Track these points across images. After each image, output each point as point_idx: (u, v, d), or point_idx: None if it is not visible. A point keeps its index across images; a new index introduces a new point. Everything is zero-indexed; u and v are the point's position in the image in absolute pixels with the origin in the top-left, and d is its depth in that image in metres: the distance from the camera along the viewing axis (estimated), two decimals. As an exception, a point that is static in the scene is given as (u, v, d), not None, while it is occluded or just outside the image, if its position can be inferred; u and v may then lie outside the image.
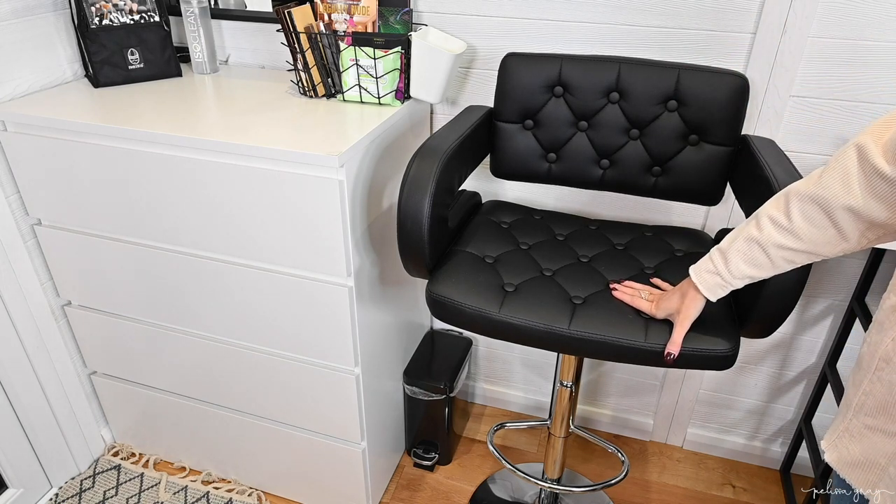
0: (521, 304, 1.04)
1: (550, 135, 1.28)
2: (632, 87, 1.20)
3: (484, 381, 1.96)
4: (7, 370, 1.45)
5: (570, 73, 1.23)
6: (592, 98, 1.23)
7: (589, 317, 1.02)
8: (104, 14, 1.39)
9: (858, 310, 1.40)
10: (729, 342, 0.98)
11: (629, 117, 1.23)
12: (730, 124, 1.18)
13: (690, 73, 1.18)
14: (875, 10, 1.20)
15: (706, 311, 1.00)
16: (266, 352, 1.40)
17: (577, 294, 1.07)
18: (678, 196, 1.27)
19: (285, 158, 1.12)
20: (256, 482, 1.67)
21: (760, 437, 1.77)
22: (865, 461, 0.83)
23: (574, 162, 1.29)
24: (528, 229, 1.28)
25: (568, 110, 1.25)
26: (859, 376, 0.84)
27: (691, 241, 1.26)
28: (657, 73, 1.19)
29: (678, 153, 1.23)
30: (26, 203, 1.40)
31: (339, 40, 1.31)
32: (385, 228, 1.38)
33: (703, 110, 1.18)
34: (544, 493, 1.60)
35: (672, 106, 1.20)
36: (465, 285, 1.07)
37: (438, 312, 1.08)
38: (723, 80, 1.16)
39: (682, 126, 1.21)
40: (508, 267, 1.14)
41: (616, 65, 1.21)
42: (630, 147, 1.25)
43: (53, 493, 1.66)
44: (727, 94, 1.16)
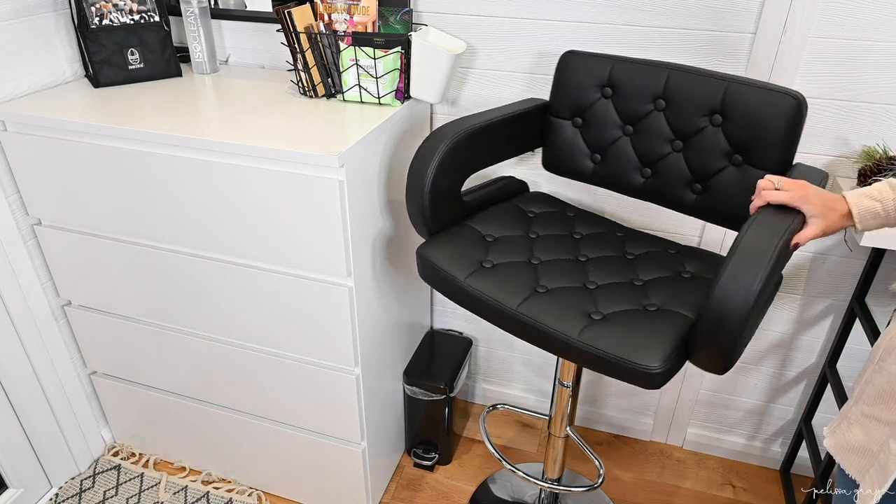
0: (487, 279, 1.10)
1: (597, 135, 1.28)
2: (678, 95, 1.16)
3: (484, 381, 1.96)
4: (7, 370, 1.45)
5: (620, 75, 1.22)
6: (639, 102, 1.21)
7: (540, 305, 1.04)
8: (104, 14, 1.39)
9: (858, 310, 1.40)
10: (658, 362, 0.93)
11: (673, 127, 1.19)
12: (778, 148, 1.08)
13: (738, 86, 1.10)
14: (875, 10, 1.20)
15: (659, 326, 0.98)
16: (266, 352, 1.40)
17: (544, 284, 1.10)
18: (716, 218, 1.20)
19: (285, 158, 1.12)
20: (256, 482, 1.67)
21: (760, 437, 1.78)
22: (860, 448, 0.84)
23: (617, 166, 1.28)
24: (551, 222, 1.30)
25: (615, 112, 1.25)
26: (865, 365, 0.86)
27: (709, 265, 1.18)
28: (704, 84, 1.13)
29: (719, 172, 1.16)
30: (26, 203, 1.40)
31: (339, 40, 1.31)
32: (385, 228, 1.38)
33: (748, 129, 1.09)
34: (544, 493, 1.60)
35: (716, 120, 1.13)
36: (449, 253, 1.16)
37: (420, 269, 1.20)
38: (773, 98, 1.06)
39: (725, 143, 1.13)
40: (501, 248, 1.19)
41: (665, 71, 1.17)
42: (672, 158, 1.21)
43: (53, 493, 1.66)
44: (776, 113, 1.06)
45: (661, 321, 1.01)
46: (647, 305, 1.05)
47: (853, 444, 0.85)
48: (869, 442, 0.83)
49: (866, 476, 0.83)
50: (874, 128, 1.30)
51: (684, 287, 1.10)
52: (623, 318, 1.02)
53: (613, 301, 1.06)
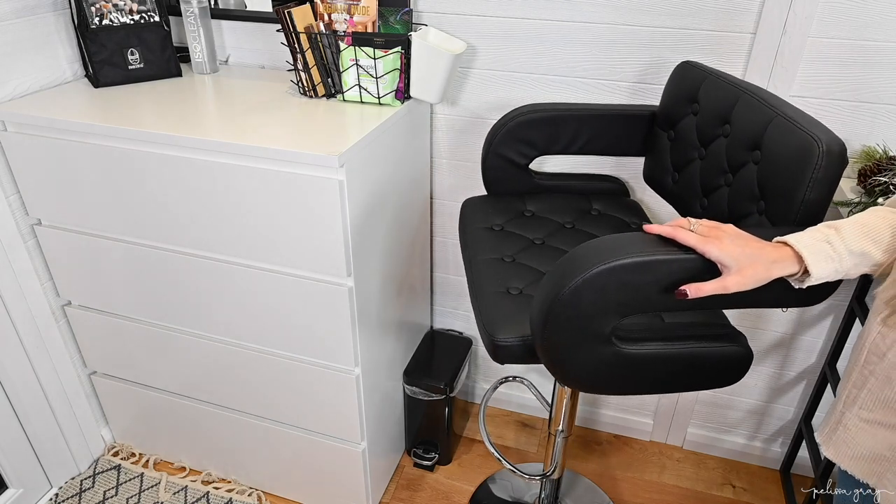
0: (484, 237, 1.22)
1: (676, 151, 1.22)
2: (738, 120, 1.02)
3: (484, 381, 1.96)
4: (7, 370, 1.45)
5: (703, 92, 1.12)
6: (712, 124, 1.09)
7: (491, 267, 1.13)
8: (104, 14, 1.39)
9: (858, 310, 1.40)
10: (503, 335, 0.96)
11: (728, 157, 1.03)
12: (791, 201, 0.87)
13: (781, 120, 0.92)
14: (875, 10, 1.20)
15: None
16: (266, 352, 1.40)
17: (516, 257, 1.17)
18: None
19: (285, 158, 1.12)
20: (256, 482, 1.67)
21: (760, 437, 1.78)
22: (869, 454, 0.83)
23: (686, 189, 1.20)
24: (602, 223, 1.30)
25: (694, 130, 1.16)
26: (849, 367, 0.84)
27: None
28: (758, 112, 0.97)
29: (746, 218, 0.98)
30: (26, 203, 1.40)
31: (339, 40, 1.31)
32: (386, 228, 1.38)
33: (771, 171, 0.92)
34: (544, 493, 1.60)
35: (756, 157, 0.96)
36: (482, 209, 1.31)
37: (460, 218, 1.34)
38: (800, 138, 0.86)
39: (753, 185, 0.96)
40: (524, 224, 1.28)
41: (737, 92, 1.03)
42: (720, 193, 1.06)
43: (53, 493, 1.66)
44: (795, 158, 0.86)
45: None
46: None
47: (858, 452, 0.84)
48: (878, 447, 0.81)
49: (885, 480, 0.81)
50: (874, 128, 1.30)
51: None
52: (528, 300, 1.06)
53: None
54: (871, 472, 0.83)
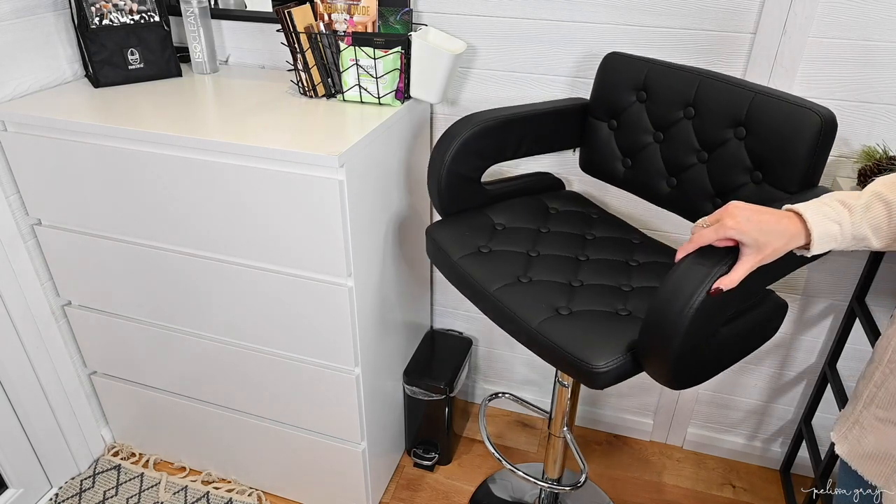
0: (479, 262, 1.15)
1: (629, 139, 1.27)
2: (707, 104, 1.12)
3: (484, 381, 1.96)
4: (7, 370, 1.45)
5: (654, 79, 1.20)
6: (670, 109, 1.19)
7: (517, 293, 1.07)
8: (104, 14, 1.39)
9: (858, 310, 1.40)
10: (603, 362, 0.93)
11: (699, 137, 1.15)
12: (798, 167, 1.00)
13: (764, 99, 1.04)
14: (875, 10, 1.20)
15: (619, 330, 0.97)
16: (266, 352, 1.40)
17: (530, 276, 1.12)
18: None
19: (285, 158, 1.12)
20: (256, 482, 1.67)
21: (760, 437, 1.78)
22: (878, 453, 0.83)
23: (645, 172, 1.26)
24: (569, 221, 1.31)
25: (647, 118, 1.24)
26: (871, 368, 0.84)
27: None
28: (732, 94, 1.08)
29: (739, 188, 1.10)
30: (26, 203, 1.40)
31: (339, 40, 1.31)
32: (385, 228, 1.38)
33: (767, 144, 1.03)
34: (544, 493, 1.60)
35: (740, 133, 1.07)
36: (454, 233, 1.22)
37: (426, 244, 1.26)
38: (798, 113, 0.99)
39: (746, 158, 1.08)
40: (506, 237, 1.22)
41: (697, 77, 1.14)
42: (696, 170, 1.17)
43: (53, 493, 1.66)
44: (799, 130, 0.98)
45: (623, 325, 1.00)
46: (620, 310, 1.04)
47: (870, 451, 0.84)
48: (888, 446, 0.81)
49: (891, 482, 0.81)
50: (874, 128, 1.30)
51: None
52: (589, 317, 1.02)
53: (588, 301, 1.07)
54: (879, 472, 0.83)
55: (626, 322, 1.01)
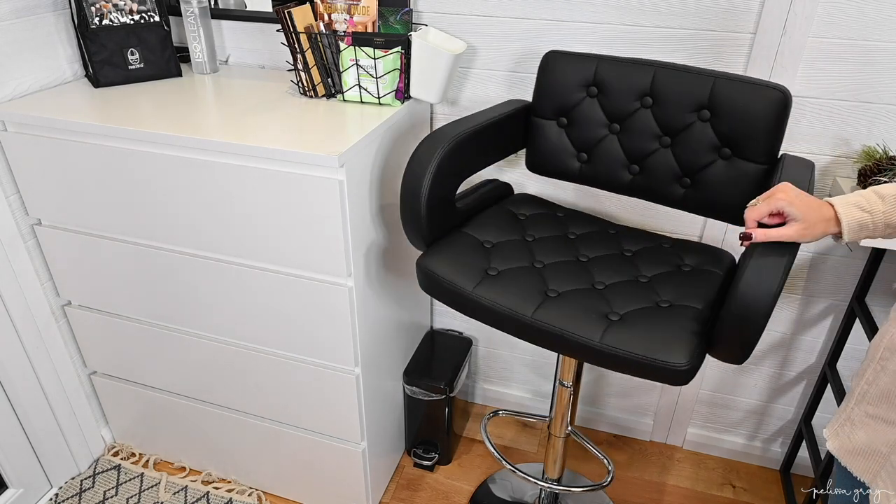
0: (496, 287, 1.08)
1: (583, 134, 1.28)
2: (665, 92, 1.18)
3: (484, 381, 1.96)
4: (7, 370, 1.45)
5: (605, 74, 1.22)
6: (626, 100, 1.22)
7: (555, 310, 1.03)
8: (104, 14, 1.39)
9: (858, 310, 1.40)
10: (685, 359, 0.94)
11: (661, 124, 1.20)
12: (765, 140, 1.11)
13: (726, 82, 1.12)
14: (875, 10, 1.20)
15: (676, 323, 0.99)
16: (266, 352, 1.40)
17: (554, 288, 1.09)
18: (705, 211, 1.22)
19: (285, 158, 1.12)
20: (256, 482, 1.67)
21: (760, 437, 1.78)
22: (867, 449, 0.83)
23: (604, 164, 1.28)
24: (543, 224, 1.29)
25: (601, 111, 1.25)
26: (864, 365, 0.85)
27: (707, 257, 1.19)
28: (692, 81, 1.15)
29: (708, 166, 1.18)
30: (26, 203, 1.40)
31: (339, 40, 1.31)
32: (385, 228, 1.38)
33: (736, 123, 1.12)
34: (544, 493, 1.60)
35: (705, 116, 1.15)
36: (452, 263, 1.13)
37: (422, 281, 1.15)
38: (759, 92, 1.09)
39: (713, 138, 1.16)
40: (502, 254, 1.17)
41: (651, 69, 1.19)
42: (660, 154, 1.22)
43: (53, 493, 1.66)
44: (764, 108, 1.09)
45: (676, 317, 1.01)
46: (659, 302, 1.06)
47: (859, 447, 0.84)
48: (876, 443, 0.82)
49: (878, 479, 0.82)
50: (874, 128, 1.30)
51: (689, 280, 1.12)
52: (639, 316, 1.02)
53: (626, 300, 1.06)
54: (868, 468, 0.83)
55: (674, 313, 1.03)
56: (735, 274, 1.07)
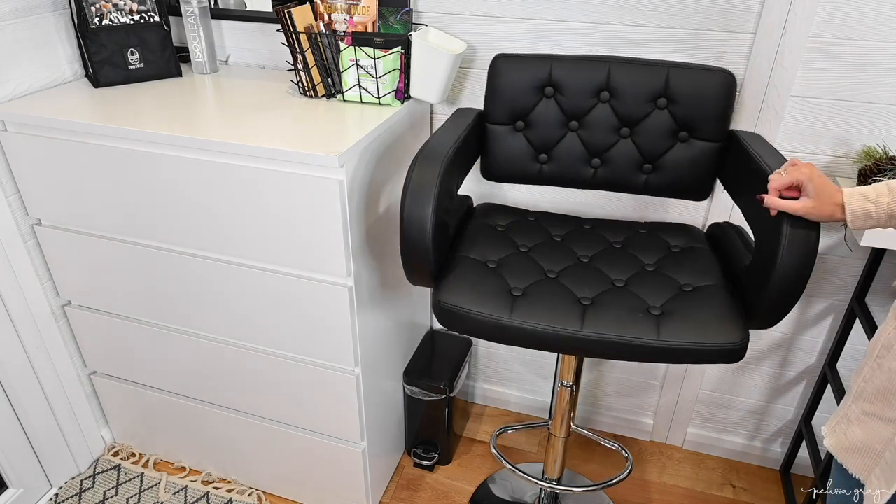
0: (531, 308, 1.03)
1: (542, 136, 1.28)
2: (622, 86, 1.21)
3: (484, 381, 1.96)
4: (7, 370, 1.45)
5: (561, 74, 1.23)
6: (583, 98, 1.23)
7: (599, 317, 1.01)
8: (104, 14, 1.39)
9: (858, 310, 1.40)
10: (739, 336, 0.98)
11: (620, 116, 1.23)
12: (718, 120, 1.20)
13: (679, 70, 1.19)
14: (875, 10, 1.20)
15: (711, 304, 1.02)
16: (266, 352, 1.40)
17: (584, 295, 1.07)
18: (669, 192, 1.28)
19: (285, 158, 1.12)
20: (256, 482, 1.67)
21: (760, 437, 1.78)
22: (863, 447, 0.84)
23: (565, 162, 1.29)
24: (525, 231, 1.27)
25: (559, 111, 1.25)
26: (862, 363, 0.86)
27: (685, 236, 1.27)
28: (647, 72, 1.20)
29: (668, 150, 1.24)
30: (26, 203, 1.40)
31: (339, 40, 1.31)
32: (385, 228, 1.38)
33: (692, 107, 1.19)
34: (544, 493, 1.60)
35: (662, 104, 1.21)
36: (472, 292, 1.05)
37: (447, 321, 1.05)
38: (711, 76, 1.18)
39: (672, 123, 1.22)
40: (512, 271, 1.12)
41: (606, 64, 1.21)
42: (621, 145, 1.26)
43: (53, 493, 1.66)
44: (715, 90, 1.18)
45: (707, 298, 1.05)
46: (683, 287, 1.09)
47: (854, 444, 0.85)
48: (871, 440, 0.83)
49: (872, 476, 0.82)
50: (874, 128, 1.30)
51: (687, 261, 1.17)
52: (676, 306, 1.04)
53: (652, 292, 1.07)
54: (863, 465, 0.84)
55: (703, 295, 1.06)
56: (722, 247, 1.21)
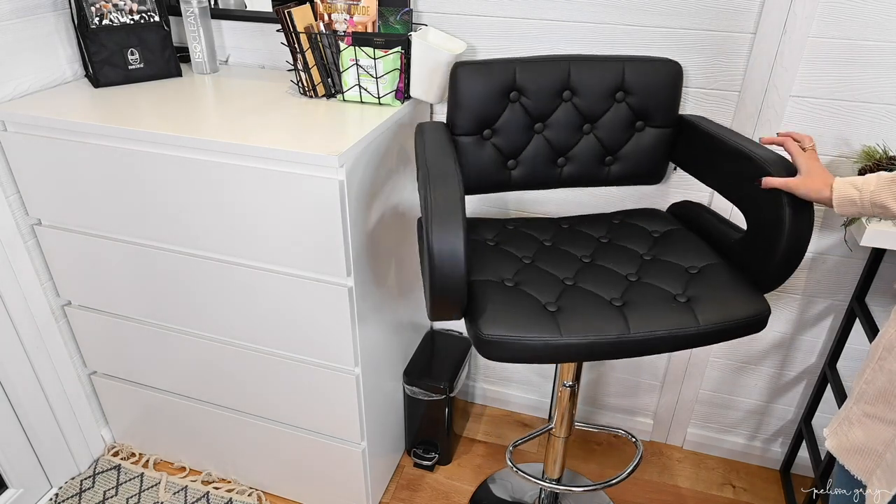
0: (573, 321, 0.99)
1: (510, 142, 1.25)
2: (582, 83, 1.23)
3: (484, 381, 1.96)
4: (7, 370, 1.45)
5: (525, 77, 1.21)
6: (547, 99, 1.23)
7: (639, 316, 1.01)
8: (104, 14, 1.39)
9: (858, 310, 1.40)
10: (762, 304, 1.04)
11: (582, 113, 1.25)
12: (669, 107, 1.25)
13: (633, 64, 1.23)
14: (875, 10, 1.20)
15: (723, 280, 1.08)
16: (266, 351, 1.40)
17: (612, 297, 1.06)
18: (629, 181, 1.32)
19: (285, 158, 1.12)
20: (256, 482, 1.67)
21: (760, 437, 1.77)
22: (864, 448, 0.84)
23: (533, 165, 1.28)
24: (515, 242, 1.24)
25: (524, 114, 1.24)
26: (864, 365, 0.86)
27: (658, 220, 1.31)
28: (604, 68, 1.23)
29: (628, 141, 1.28)
30: (26, 203, 1.40)
31: (339, 40, 1.31)
32: (385, 228, 1.38)
33: (647, 97, 1.24)
34: (544, 493, 1.60)
35: (620, 97, 1.24)
36: (511, 317, 0.99)
37: (493, 352, 0.98)
38: (661, 67, 1.23)
39: (630, 114, 1.26)
40: (532, 286, 1.08)
41: (566, 63, 1.22)
42: (584, 142, 1.28)
43: (53, 493, 1.66)
44: (665, 80, 1.23)
45: (718, 276, 1.09)
46: (689, 269, 1.13)
47: (855, 445, 0.85)
48: (872, 442, 0.83)
49: (873, 477, 0.82)
50: (874, 128, 1.30)
51: (676, 244, 1.21)
52: (696, 289, 1.07)
53: (668, 281, 1.10)
54: (864, 467, 0.84)
55: (712, 273, 1.10)
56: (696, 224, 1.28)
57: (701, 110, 1.39)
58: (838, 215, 1.36)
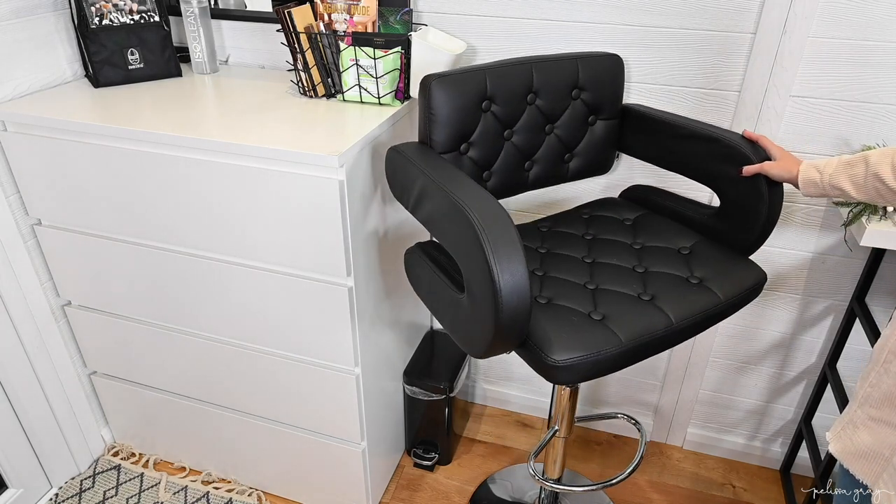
0: (624, 324, 0.99)
1: (485, 153, 1.21)
2: (547, 83, 1.24)
3: (484, 381, 1.96)
4: (7, 370, 1.45)
5: (495, 84, 1.17)
6: (515, 103, 1.21)
7: (673, 305, 1.04)
8: (104, 14, 1.39)
9: (858, 310, 1.40)
10: (758, 270, 1.13)
11: (545, 114, 1.26)
12: (615, 99, 1.30)
13: (585, 60, 1.26)
14: (875, 10, 1.20)
15: (720, 254, 1.16)
16: (266, 352, 1.40)
17: (639, 293, 1.07)
18: (584, 174, 1.35)
19: (285, 158, 1.12)
20: (256, 482, 1.67)
21: (760, 437, 1.77)
22: (870, 452, 0.84)
23: (505, 172, 1.26)
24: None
25: (496, 122, 1.20)
26: (868, 368, 0.86)
27: (623, 208, 1.35)
28: (561, 66, 1.25)
29: (583, 136, 1.32)
30: (26, 203, 1.40)
31: (339, 40, 1.31)
32: (385, 227, 1.38)
33: (597, 92, 1.28)
34: (544, 493, 1.60)
35: (576, 94, 1.27)
36: (575, 338, 0.97)
37: (566, 376, 0.96)
38: (606, 61, 1.27)
39: (585, 110, 1.29)
40: (566, 299, 1.06)
41: (529, 65, 1.22)
42: (547, 142, 1.29)
43: (53, 493, 1.66)
44: (611, 73, 1.27)
45: (712, 251, 1.17)
46: (681, 250, 1.19)
47: (861, 449, 0.85)
48: (879, 446, 0.82)
49: (880, 481, 0.82)
50: (874, 128, 1.30)
51: (655, 228, 1.26)
52: (703, 269, 1.13)
53: (670, 266, 1.14)
54: (870, 471, 0.83)
55: (706, 250, 1.18)
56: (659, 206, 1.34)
57: (701, 110, 1.39)
58: (838, 216, 1.37)
